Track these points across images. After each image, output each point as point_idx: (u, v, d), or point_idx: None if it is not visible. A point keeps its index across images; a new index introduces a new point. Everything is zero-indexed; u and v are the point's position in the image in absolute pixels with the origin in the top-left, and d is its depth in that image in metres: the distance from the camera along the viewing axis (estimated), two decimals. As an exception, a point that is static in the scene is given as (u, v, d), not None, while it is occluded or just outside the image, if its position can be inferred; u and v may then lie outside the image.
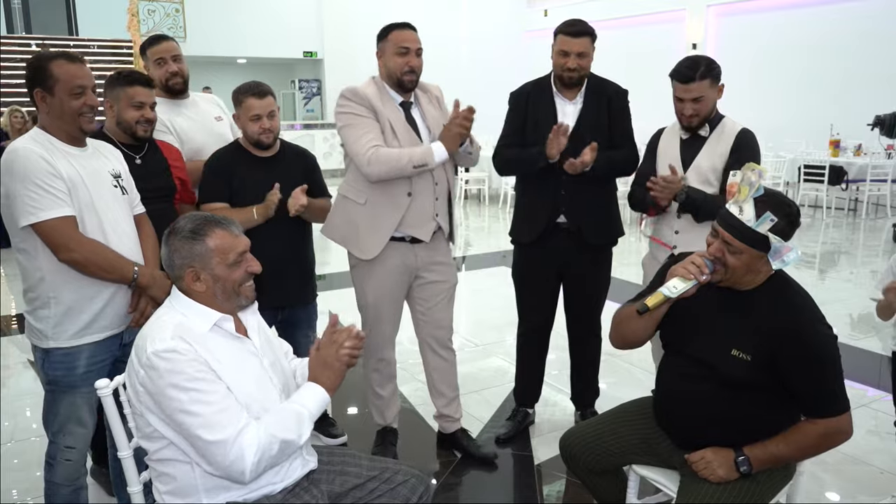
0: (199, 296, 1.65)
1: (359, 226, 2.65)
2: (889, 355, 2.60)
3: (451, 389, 2.95)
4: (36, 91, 1.97)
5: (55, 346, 2.02)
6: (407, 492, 1.84)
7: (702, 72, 2.45)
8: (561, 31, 2.75)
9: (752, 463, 1.79)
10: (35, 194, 1.89)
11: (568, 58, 2.72)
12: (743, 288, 1.81)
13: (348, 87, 2.60)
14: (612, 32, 13.78)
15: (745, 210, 1.71)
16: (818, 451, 1.82)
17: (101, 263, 1.98)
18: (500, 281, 3.54)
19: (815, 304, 1.79)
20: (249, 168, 2.64)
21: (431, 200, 2.67)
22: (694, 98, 2.47)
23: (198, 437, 1.50)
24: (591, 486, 2.16)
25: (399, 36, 2.56)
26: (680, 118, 2.58)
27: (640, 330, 1.96)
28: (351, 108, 2.58)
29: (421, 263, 2.73)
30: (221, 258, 1.64)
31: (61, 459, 2.10)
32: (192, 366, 1.52)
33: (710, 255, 1.77)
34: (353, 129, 2.56)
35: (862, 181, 9.16)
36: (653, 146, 2.75)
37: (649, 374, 3.80)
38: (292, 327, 2.84)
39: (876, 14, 10.54)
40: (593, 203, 2.86)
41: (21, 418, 3.42)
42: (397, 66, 2.56)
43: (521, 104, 2.89)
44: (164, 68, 2.87)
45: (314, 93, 16.54)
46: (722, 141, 2.56)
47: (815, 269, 6.53)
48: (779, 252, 1.71)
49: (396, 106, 2.64)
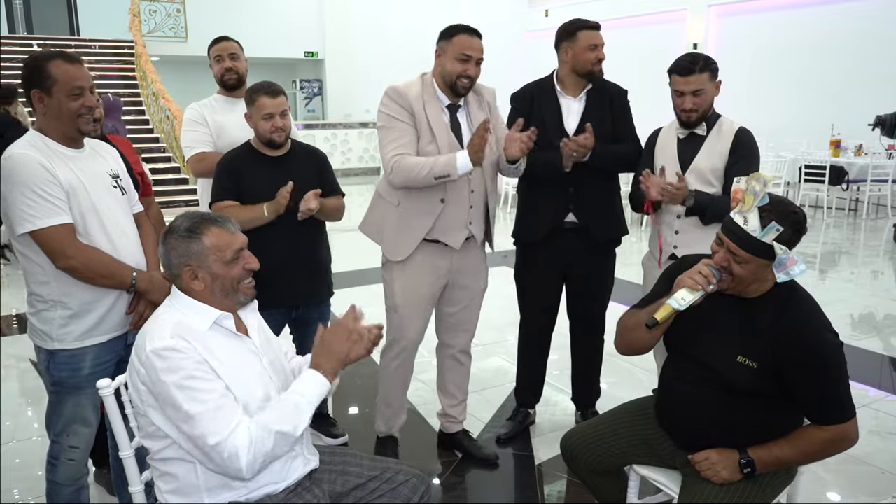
0: (198, 294, 1.65)
1: (390, 226, 2.63)
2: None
3: (462, 392, 2.94)
4: (33, 92, 1.95)
5: (60, 347, 2.01)
6: (408, 492, 1.84)
7: (701, 65, 2.47)
8: (585, 27, 2.75)
9: (755, 465, 1.78)
10: (32, 202, 1.88)
11: (597, 51, 2.74)
12: (750, 295, 1.80)
13: (392, 86, 2.56)
14: (613, 32, 13.71)
15: (750, 220, 1.69)
16: (823, 456, 1.82)
17: (99, 270, 1.97)
18: (501, 281, 3.53)
19: (821, 311, 1.78)
20: (260, 167, 2.64)
21: (466, 208, 2.62)
22: (694, 91, 2.48)
23: (193, 436, 1.50)
24: (591, 487, 2.16)
25: (465, 42, 2.50)
26: (679, 114, 2.57)
27: (647, 338, 1.94)
28: (389, 110, 2.54)
29: (455, 267, 2.70)
30: (218, 256, 1.64)
31: (64, 459, 2.10)
32: (189, 364, 1.52)
33: (717, 265, 1.75)
34: (386, 131, 2.54)
35: (863, 181, 9.16)
36: (650, 146, 2.74)
37: (650, 374, 3.80)
38: (305, 326, 2.84)
39: (876, 14, 10.54)
40: (601, 200, 2.87)
41: (22, 418, 3.42)
42: (455, 70, 2.51)
43: (525, 105, 2.88)
44: (221, 65, 3.12)
45: (315, 93, 16.54)
46: (721, 140, 2.55)
47: (816, 270, 6.53)
48: (783, 264, 1.69)
49: (442, 107, 2.59)
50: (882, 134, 8.34)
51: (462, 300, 2.78)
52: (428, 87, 2.58)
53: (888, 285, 6.06)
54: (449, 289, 2.75)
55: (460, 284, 2.75)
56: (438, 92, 2.59)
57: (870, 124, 8.30)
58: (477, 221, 2.69)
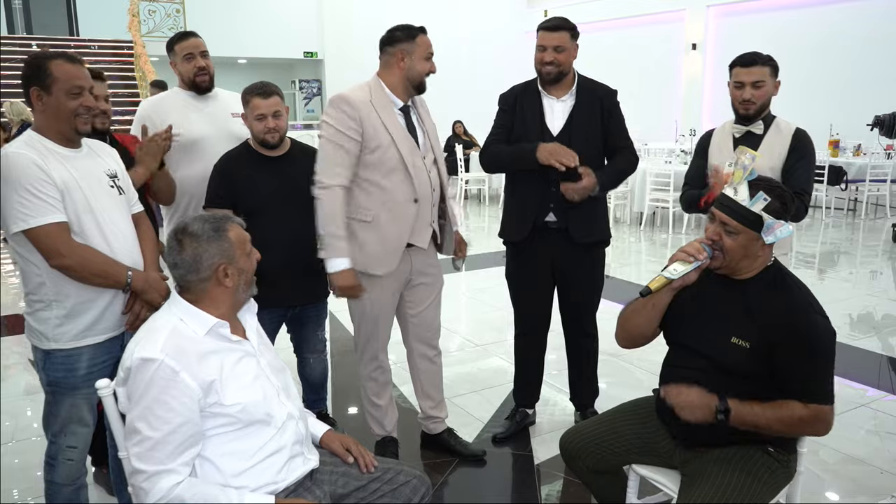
0: (225, 293, 1.68)
1: (372, 244, 2.58)
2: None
3: (439, 392, 2.94)
4: (33, 89, 1.95)
5: (56, 347, 2.01)
6: (409, 492, 1.85)
7: (763, 59, 2.57)
8: (538, 28, 2.78)
9: (730, 416, 1.78)
10: (26, 200, 1.88)
11: (545, 52, 2.74)
12: (741, 276, 1.86)
13: (339, 95, 2.51)
14: (612, 32, 13.80)
15: (740, 191, 1.81)
16: (796, 430, 1.80)
17: (93, 269, 1.97)
18: (499, 281, 3.53)
19: (812, 294, 1.83)
20: (257, 168, 2.64)
21: (429, 206, 2.65)
22: (754, 82, 2.54)
23: (130, 451, 1.53)
24: (591, 486, 2.17)
25: (427, 41, 2.56)
26: (737, 106, 2.61)
27: (644, 323, 1.99)
28: (336, 121, 2.47)
29: (415, 268, 2.71)
30: (241, 249, 1.71)
31: (62, 459, 2.09)
32: (161, 385, 1.52)
33: (708, 240, 1.84)
34: (332, 149, 2.48)
35: (861, 181, 9.16)
36: (703, 146, 2.77)
37: (649, 374, 3.80)
38: (301, 325, 2.84)
39: (876, 14, 10.54)
40: (582, 202, 2.82)
41: (21, 418, 3.42)
42: (425, 69, 2.54)
43: (510, 104, 2.90)
44: (192, 63, 2.91)
45: (314, 93, 16.56)
46: (780, 139, 2.59)
47: (815, 270, 6.53)
48: (771, 228, 1.78)
49: (396, 110, 2.59)
50: (881, 134, 8.34)
51: (426, 298, 2.78)
52: (378, 92, 2.56)
53: (886, 285, 6.06)
54: (410, 289, 2.75)
55: (421, 282, 2.75)
56: (391, 95, 2.58)
57: (868, 124, 8.30)
58: (436, 220, 2.73)
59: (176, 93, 3.00)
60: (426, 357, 2.87)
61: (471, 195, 11.45)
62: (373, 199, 2.55)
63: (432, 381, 2.91)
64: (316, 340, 2.93)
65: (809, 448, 2.02)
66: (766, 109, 2.63)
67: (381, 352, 2.79)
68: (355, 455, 1.88)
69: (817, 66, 11.14)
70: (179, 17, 12.85)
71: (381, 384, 2.84)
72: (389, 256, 2.59)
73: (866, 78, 10.57)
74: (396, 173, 2.53)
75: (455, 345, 4.42)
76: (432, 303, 2.81)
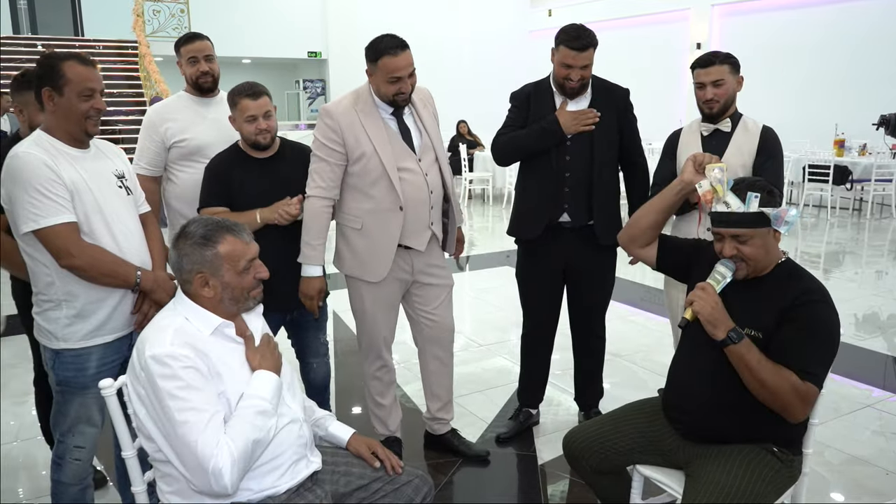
0: (206, 301, 1.65)
1: (362, 250, 2.62)
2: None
3: (448, 394, 2.94)
4: (44, 90, 1.96)
5: (65, 347, 2.02)
6: (411, 492, 1.84)
7: (721, 58, 2.58)
8: (564, 44, 2.67)
9: (736, 342, 1.75)
10: (37, 200, 1.89)
11: (571, 70, 2.68)
12: (759, 274, 1.87)
13: (323, 108, 2.57)
14: (616, 32, 13.77)
15: (731, 202, 1.82)
16: (779, 398, 1.75)
17: (102, 269, 1.98)
18: (504, 281, 3.53)
19: (825, 289, 1.83)
20: (248, 169, 2.62)
21: (427, 209, 2.64)
22: (714, 81, 2.56)
23: (182, 444, 1.50)
24: (594, 487, 2.16)
25: (389, 64, 2.44)
26: (701, 106, 2.63)
27: (646, 226, 2.14)
28: (320, 134, 2.55)
29: (418, 268, 2.71)
30: (232, 265, 1.65)
31: (70, 459, 2.10)
32: (187, 373, 1.52)
33: (727, 256, 1.84)
34: (316, 162, 2.56)
35: (867, 181, 9.12)
36: (671, 146, 2.76)
37: (653, 375, 3.80)
38: (301, 329, 2.83)
39: (881, 13, 10.50)
40: (598, 203, 2.83)
41: (26, 418, 3.43)
42: (389, 91, 2.50)
43: (523, 101, 2.88)
44: (195, 67, 2.91)
45: (318, 93, 16.57)
46: (748, 138, 2.60)
47: (820, 270, 6.51)
48: (779, 217, 1.80)
49: (384, 116, 2.59)
50: (886, 133, 8.33)
51: (437, 297, 2.78)
52: (364, 99, 2.57)
53: (892, 285, 6.03)
54: (419, 287, 2.75)
55: (428, 282, 2.75)
56: (379, 102, 2.57)
57: (874, 124, 8.29)
58: (437, 221, 2.72)
59: (181, 98, 3.01)
60: (438, 359, 2.87)
61: (475, 195, 11.44)
62: (361, 206, 2.59)
63: (442, 383, 2.91)
64: (318, 344, 2.92)
65: (815, 449, 2.01)
66: (732, 107, 2.65)
67: (385, 351, 2.79)
68: (381, 458, 1.86)
69: (822, 64, 11.11)
70: (184, 17, 12.88)
71: (386, 384, 2.84)
72: (379, 264, 2.61)
73: (872, 77, 10.53)
74: (381, 182, 2.54)
75: (459, 345, 4.40)
76: (443, 302, 2.80)
